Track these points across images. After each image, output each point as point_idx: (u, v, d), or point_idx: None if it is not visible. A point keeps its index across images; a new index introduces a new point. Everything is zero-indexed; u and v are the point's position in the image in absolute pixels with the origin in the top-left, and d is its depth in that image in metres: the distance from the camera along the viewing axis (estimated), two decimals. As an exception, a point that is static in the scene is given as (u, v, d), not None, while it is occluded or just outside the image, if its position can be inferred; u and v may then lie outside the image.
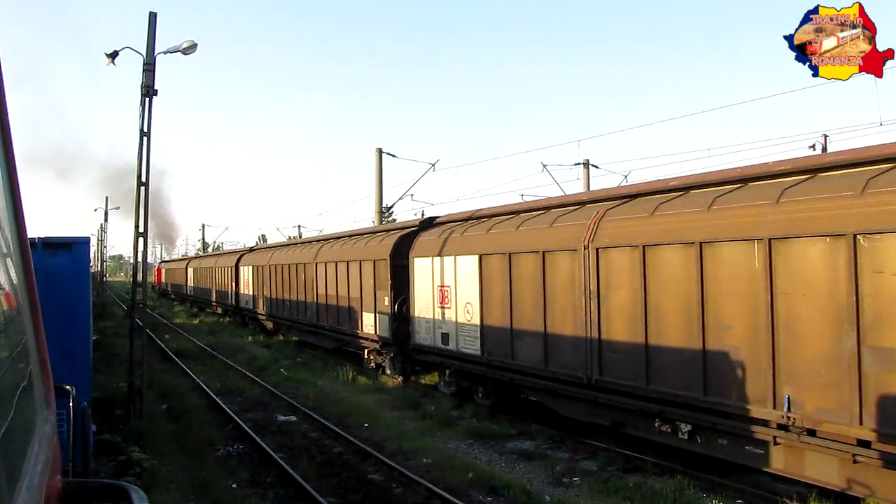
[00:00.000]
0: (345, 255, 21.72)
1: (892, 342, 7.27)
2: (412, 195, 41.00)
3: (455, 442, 12.64)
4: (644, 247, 10.35)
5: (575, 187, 27.99)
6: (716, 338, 9.27)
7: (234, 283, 37.66)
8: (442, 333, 15.97)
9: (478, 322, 14.52)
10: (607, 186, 24.41)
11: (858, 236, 7.50)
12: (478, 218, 16.15)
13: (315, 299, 24.24)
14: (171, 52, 13.72)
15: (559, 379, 12.25)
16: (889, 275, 7.29)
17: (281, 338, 29.71)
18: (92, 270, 18.74)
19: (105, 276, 60.38)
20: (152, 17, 13.43)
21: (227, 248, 64.61)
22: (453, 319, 15.46)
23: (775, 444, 8.70)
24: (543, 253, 12.51)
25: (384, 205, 30.53)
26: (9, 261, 1.76)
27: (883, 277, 7.34)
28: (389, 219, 33.97)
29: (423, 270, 16.82)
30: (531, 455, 11.70)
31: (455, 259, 15.37)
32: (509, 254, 13.47)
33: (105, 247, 60.39)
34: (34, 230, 12.64)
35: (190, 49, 13.76)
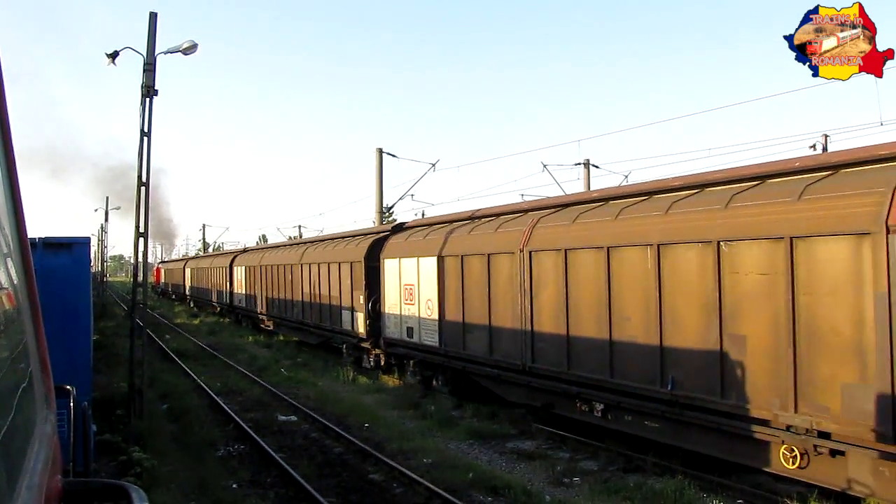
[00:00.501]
0: (326, 256, 23.35)
1: (743, 330, 8.88)
2: (412, 195, 41.07)
3: (455, 442, 12.64)
4: (566, 250, 11.92)
5: (575, 187, 28.00)
6: (619, 329, 10.80)
7: (228, 283, 39.19)
8: (407, 327, 17.53)
9: (437, 317, 16.09)
10: (588, 189, 24.53)
11: (721, 243, 9.09)
12: (439, 223, 17.83)
13: (301, 298, 25.72)
14: (171, 53, 13.72)
15: (501, 366, 13.79)
16: (742, 274, 8.91)
17: (281, 338, 29.74)
18: (92, 271, 18.74)
19: (105, 276, 60.35)
20: (152, 17, 13.43)
21: (227, 248, 65.66)
22: (416, 315, 16.99)
23: (664, 418, 10.20)
24: (489, 255, 14.08)
25: (385, 205, 30.54)
26: (9, 261, 1.76)
27: (738, 276, 8.96)
28: (390, 219, 33.96)
29: (391, 271, 18.36)
30: (532, 455, 11.71)
31: (418, 260, 16.91)
32: (462, 256, 15.06)
33: (105, 247, 60.42)
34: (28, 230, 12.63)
35: (190, 49, 13.76)
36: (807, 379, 8.13)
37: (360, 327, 20.09)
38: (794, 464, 8.47)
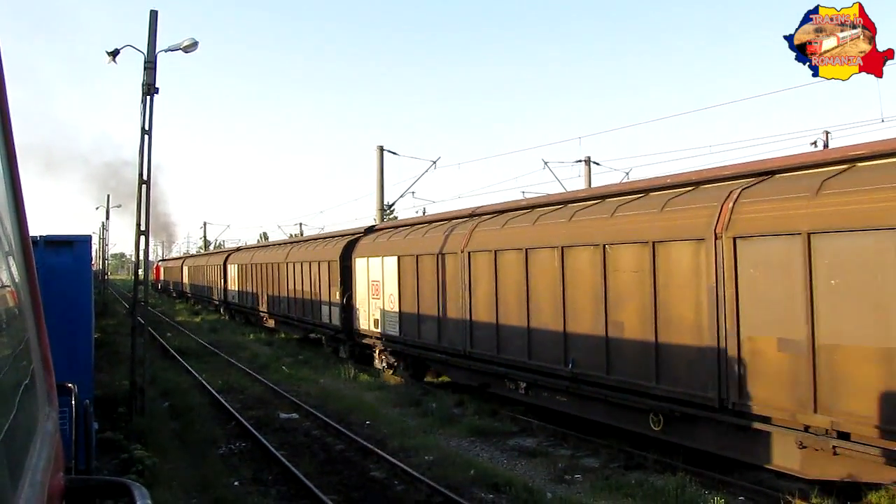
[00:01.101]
0: (307, 256, 25.56)
1: (621, 318, 10.81)
2: (413, 192, 41.12)
3: (457, 439, 12.65)
4: (496, 251, 13.90)
5: (576, 184, 28.01)
6: (536, 318, 12.75)
7: (223, 280, 41.46)
8: (374, 319, 19.79)
9: (397, 309, 18.24)
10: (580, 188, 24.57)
11: (606, 246, 11.03)
12: (402, 226, 20.22)
13: (287, 294, 27.91)
14: (171, 51, 13.72)
15: (448, 352, 15.89)
16: (620, 272, 10.83)
17: (282, 336, 29.78)
18: (94, 269, 18.75)
19: (107, 274, 60.35)
20: (153, 15, 13.43)
21: (228, 245, 66.63)
22: (381, 308, 19.23)
23: (568, 392, 12.25)
24: (438, 255, 16.04)
25: (385, 202, 30.55)
26: (11, 259, 1.76)
27: (618, 273, 10.90)
28: (391, 216, 33.96)
29: (361, 269, 20.57)
30: (533, 452, 11.72)
31: (382, 259, 19.13)
32: (417, 255, 17.12)
33: (107, 245, 60.43)
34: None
35: (191, 47, 13.76)
36: (664, 357, 10.06)
37: (336, 320, 22.16)
38: (658, 426, 10.47)
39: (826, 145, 22.31)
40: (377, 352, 20.14)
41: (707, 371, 9.39)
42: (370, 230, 22.31)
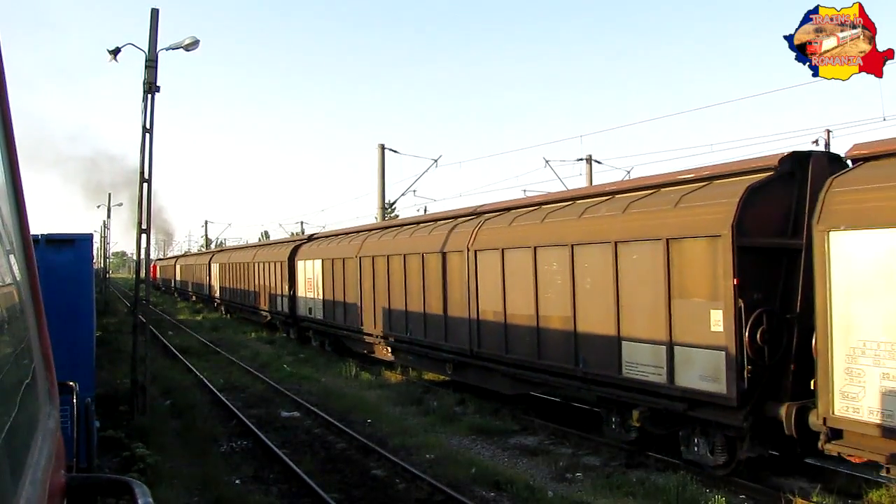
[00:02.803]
0: (266, 257, 31.83)
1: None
2: (415, 191, 41.15)
3: (458, 438, 12.65)
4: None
5: (578, 182, 28.02)
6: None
7: (208, 277, 47.41)
8: (309, 307, 25.43)
9: (322, 298, 23.75)
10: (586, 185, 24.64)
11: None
12: (333, 235, 25.70)
13: (254, 288, 33.61)
14: (172, 49, 13.72)
15: (351, 329, 21.07)
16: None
17: (283, 334, 29.81)
18: (95, 267, 18.76)
19: (108, 272, 60.37)
20: (154, 13, 13.43)
21: (229, 244, 67.70)
22: (314, 297, 24.74)
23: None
24: (333, 259, 22.71)
25: (387, 201, 30.54)
26: (12, 257, 1.76)
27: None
28: (392, 214, 33.96)
29: (301, 268, 26.45)
30: (534, 451, 11.72)
31: (314, 262, 24.71)
32: (332, 259, 22.73)
33: (108, 243, 60.42)
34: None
35: (192, 45, 13.76)
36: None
37: (287, 308, 28.05)
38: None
39: (828, 144, 22.27)
40: (311, 332, 26.20)
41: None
42: (311, 238, 28.67)
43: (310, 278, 25.14)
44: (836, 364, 7.80)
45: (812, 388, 8.14)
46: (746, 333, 8.68)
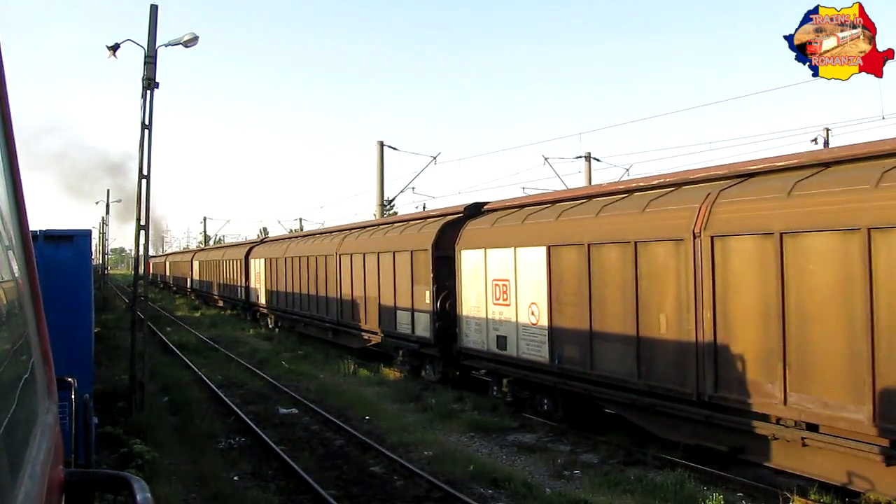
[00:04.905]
0: (230, 255, 39.83)
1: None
2: (413, 188, 41.03)
3: (456, 435, 12.66)
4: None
5: (577, 180, 28.04)
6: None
7: (191, 272, 54.98)
8: (257, 295, 32.67)
9: (265, 288, 30.89)
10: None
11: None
12: (275, 240, 32.22)
13: (221, 280, 41.59)
14: (172, 45, 13.70)
15: (286, 311, 28.48)
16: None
17: (283, 331, 29.83)
18: (93, 263, 18.75)
19: (107, 269, 60.34)
20: (153, 9, 13.40)
21: (228, 240, 69.37)
22: (260, 287, 31.62)
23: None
24: (273, 258, 29.89)
25: (385, 198, 30.53)
26: (11, 253, 1.77)
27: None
28: (391, 212, 33.96)
29: (253, 265, 33.67)
30: (532, 448, 11.73)
31: (260, 261, 31.10)
32: (271, 258, 29.05)
33: (107, 240, 60.35)
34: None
35: (191, 42, 13.73)
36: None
37: (243, 296, 35.60)
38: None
39: (826, 142, 22.29)
40: (258, 314, 34.39)
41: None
42: (264, 239, 38.91)
43: (258, 273, 32.41)
44: (462, 321, 15.31)
45: (457, 333, 15.43)
46: (438, 304, 16.00)
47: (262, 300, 31.59)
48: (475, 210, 16.42)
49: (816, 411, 8.11)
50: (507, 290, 13.67)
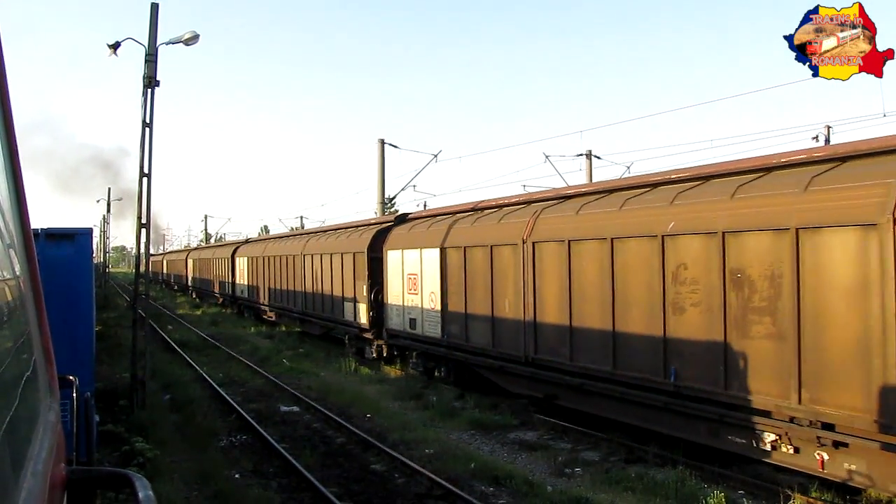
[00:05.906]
0: (219, 254, 44.74)
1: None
2: (414, 186, 41.17)
3: (457, 433, 12.67)
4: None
5: (577, 178, 28.03)
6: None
7: (186, 270, 59.87)
8: (242, 290, 36.80)
9: (247, 284, 35.48)
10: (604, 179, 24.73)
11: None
12: (257, 241, 35.20)
13: (211, 277, 46.24)
14: (172, 43, 13.70)
15: (262, 304, 32.11)
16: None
17: (283, 328, 29.86)
18: (95, 261, 18.76)
19: (108, 267, 60.39)
20: (154, 8, 13.41)
21: (229, 238, 69.76)
22: (245, 283, 35.70)
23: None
24: (255, 257, 33.89)
25: (386, 196, 30.54)
26: (12, 251, 1.77)
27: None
28: (392, 209, 34.00)
29: (238, 263, 37.41)
30: (533, 446, 11.74)
31: (244, 259, 34.91)
32: (253, 257, 33.52)
33: (108, 238, 60.38)
34: None
35: (192, 40, 13.74)
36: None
37: (230, 291, 39.78)
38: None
39: (827, 140, 22.28)
40: (243, 307, 37.74)
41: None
42: (247, 241, 43.23)
43: (242, 270, 36.64)
44: (387, 308, 18.67)
45: (384, 318, 18.87)
46: (371, 296, 19.53)
47: (246, 294, 35.94)
48: (402, 219, 20.41)
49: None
50: (416, 283, 17.13)
